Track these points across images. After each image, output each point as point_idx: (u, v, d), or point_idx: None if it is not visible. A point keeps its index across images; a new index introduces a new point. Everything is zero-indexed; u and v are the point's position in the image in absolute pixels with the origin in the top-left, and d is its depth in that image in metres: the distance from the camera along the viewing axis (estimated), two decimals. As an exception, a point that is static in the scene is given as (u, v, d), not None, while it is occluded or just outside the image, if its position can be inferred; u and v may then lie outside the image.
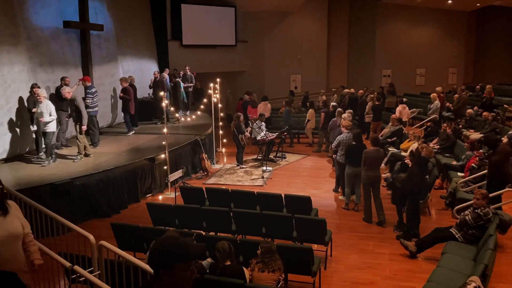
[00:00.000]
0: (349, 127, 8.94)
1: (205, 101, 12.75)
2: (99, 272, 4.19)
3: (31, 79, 9.86)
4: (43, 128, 8.87)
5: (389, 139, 11.98)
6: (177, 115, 14.13)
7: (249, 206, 7.18)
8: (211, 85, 11.92)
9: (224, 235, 6.46)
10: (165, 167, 9.51)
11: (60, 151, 10.21)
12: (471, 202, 6.51)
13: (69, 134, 11.27)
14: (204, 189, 7.79)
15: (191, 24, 17.84)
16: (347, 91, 17.32)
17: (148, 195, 9.50)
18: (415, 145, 9.29)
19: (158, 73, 14.07)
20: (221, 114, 12.80)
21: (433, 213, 8.40)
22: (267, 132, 12.30)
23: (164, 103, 9.98)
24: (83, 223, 7.89)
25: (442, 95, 15.68)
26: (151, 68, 15.63)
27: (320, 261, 5.67)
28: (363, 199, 8.18)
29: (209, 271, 4.67)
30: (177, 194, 8.66)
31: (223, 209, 6.69)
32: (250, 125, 12.66)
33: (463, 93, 15.65)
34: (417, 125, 14.83)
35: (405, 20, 23.07)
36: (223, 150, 12.69)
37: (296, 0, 19.37)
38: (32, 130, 9.63)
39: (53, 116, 8.87)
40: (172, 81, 14.65)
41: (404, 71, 23.40)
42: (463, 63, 25.57)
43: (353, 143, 8.42)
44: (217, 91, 12.34)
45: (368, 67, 23.21)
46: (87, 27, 11.64)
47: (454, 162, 10.05)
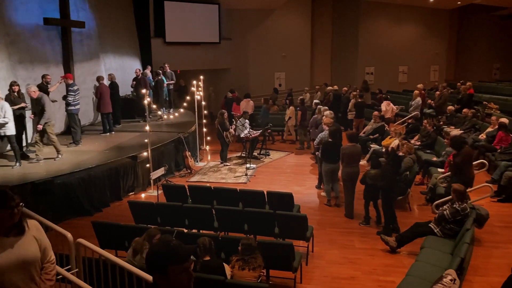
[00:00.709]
0: (330, 125, 9.01)
1: (188, 98, 12.70)
2: (77, 270, 4.18)
3: (10, 76, 9.73)
4: None
5: (371, 136, 12.12)
6: (159, 113, 14.07)
7: (232, 203, 7.20)
8: (194, 82, 11.89)
9: (206, 232, 6.48)
10: (148, 165, 9.47)
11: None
12: (449, 197, 6.63)
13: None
14: (186, 187, 7.78)
15: (175, 21, 17.75)
16: (330, 88, 17.44)
17: (130, 193, 9.46)
18: (396, 142, 9.41)
19: (139, 71, 13.98)
20: (204, 111, 12.79)
21: (414, 209, 8.53)
22: (250, 129, 12.33)
23: (146, 100, 9.93)
24: (65, 222, 7.85)
25: (423, 92, 15.88)
26: (134, 65, 15.52)
27: (301, 256, 5.72)
28: (344, 195, 8.26)
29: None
30: (159, 192, 8.63)
31: (205, 206, 6.70)
32: (234, 123, 12.68)
33: (444, 90, 15.85)
34: (398, 122, 14.99)
35: (387, 18, 23.28)
36: (207, 148, 12.67)
37: (279, -3, 19.44)
38: None
39: (7, 118, 8.35)
40: (154, 79, 14.57)
41: (386, 68, 23.64)
42: (445, 60, 25.91)
43: (329, 140, 8.50)
44: (201, 89, 12.32)
45: (351, 65, 23.39)
46: (68, 24, 11.52)
47: (434, 158, 10.21)
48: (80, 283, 3.61)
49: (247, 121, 12.68)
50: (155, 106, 12.25)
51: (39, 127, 9.07)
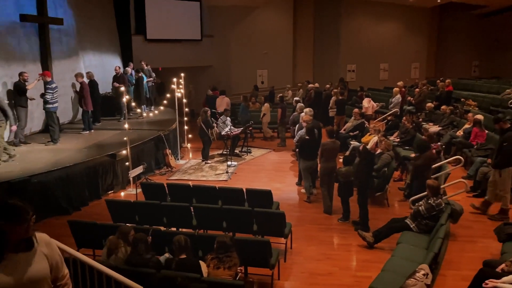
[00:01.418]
0: (310, 122, 9.07)
1: (168, 96, 12.64)
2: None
3: (-15, 74, 9.56)
4: None
5: (352, 133, 12.22)
6: (139, 110, 13.97)
7: (211, 201, 7.18)
8: (175, 79, 11.83)
9: (185, 230, 6.47)
10: (127, 163, 9.41)
11: (18, 148, 9.93)
12: (425, 193, 6.73)
13: (28, 130, 11.01)
14: (165, 185, 7.75)
15: (156, 18, 17.62)
16: (311, 86, 17.52)
17: (110, 192, 9.39)
18: (375, 139, 9.52)
19: (119, 68, 13.86)
20: (186, 109, 12.74)
21: (393, 204, 8.63)
22: (231, 127, 12.33)
23: (124, 98, 9.85)
24: (43, 222, 7.76)
25: (403, 89, 16.06)
26: (114, 63, 15.37)
27: (279, 253, 5.75)
28: (321, 190, 8.33)
29: (165, 265, 4.68)
30: (138, 190, 8.59)
31: (183, 204, 6.68)
32: (215, 121, 12.66)
33: (423, 87, 16.05)
34: (379, 118, 15.15)
35: (369, 15, 23.46)
36: (189, 145, 12.64)
37: (261, -6, 19.45)
38: None
39: None
40: (135, 76, 14.45)
41: (368, 66, 23.84)
42: (425, 58, 26.26)
43: (306, 137, 8.55)
44: (181, 86, 12.27)
45: (333, 62, 23.52)
46: (45, 21, 11.33)
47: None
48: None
49: (228, 118, 12.67)
50: (134, 103, 12.16)
51: (14, 128, 9.02)
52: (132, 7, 16.95)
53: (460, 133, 11.29)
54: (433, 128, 12.42)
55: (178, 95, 12.03)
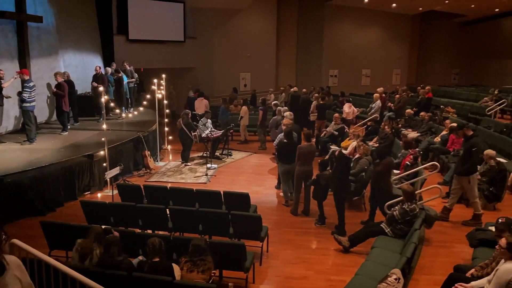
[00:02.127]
0: (290, 125, 9.09)
1: (148, 97, 12.53)
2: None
3: (-40, 71, 9.36)
4: None
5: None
6: (118, 111, 13.81)
7: (188, 203, 7.15)
8: (155, 80, 11.74)
9: (161, 232, 6.41)
10: (105, 164, 9.29)
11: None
12: (401, 198, 6.79)
13: (3, 129, 10.81)
14: (142, 187, 7.68)
15: (138, 18, 17.46)
16: (292, 90, 17.59)
17: (86, 193, 9.27)
18: (354, 143, 9.58)
19: (100, 68, 13.70)
20: (166, 110, 12.65)
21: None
22: (212, 129, 12.29)
23: (103, 98, 9.73)
24: (16, 222, 7.62)
25: (384, 95, 16.23)
26: (95, 62, 15.18)
27: (254, 256, 5.74)
28: (294, 191, 8.37)
29: (137, 268, 4.62)
30: (115, 192, 8.48)
31: (158, 206, 6.63)
32: (195, 123, 12.60)
33: (403, 93, 16.26)
34: (359, 124, 15.28)
35: (351, 21, 23.70)
36: (169, 147, 12.55)
37: (245, -2, 19.45)
38: None
39: None
40: (114, 76, 14.28)
41: (350, 71, 24.07)
42: (406, 64, 26.63)
43: (284, 140, 8.58)
44: (162, 87, 12.19)
45: (316, 67, 23.66)
46: (24, 18, 11.15)
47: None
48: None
49: (209, 120, 12.63)
50: (113, 104, 12.02)
51: None
52: (114, 6, 16.74)
53: (437, 139, 11.46)
54: (412, 134, 12.57)
55: (158, 96, 11.94)
